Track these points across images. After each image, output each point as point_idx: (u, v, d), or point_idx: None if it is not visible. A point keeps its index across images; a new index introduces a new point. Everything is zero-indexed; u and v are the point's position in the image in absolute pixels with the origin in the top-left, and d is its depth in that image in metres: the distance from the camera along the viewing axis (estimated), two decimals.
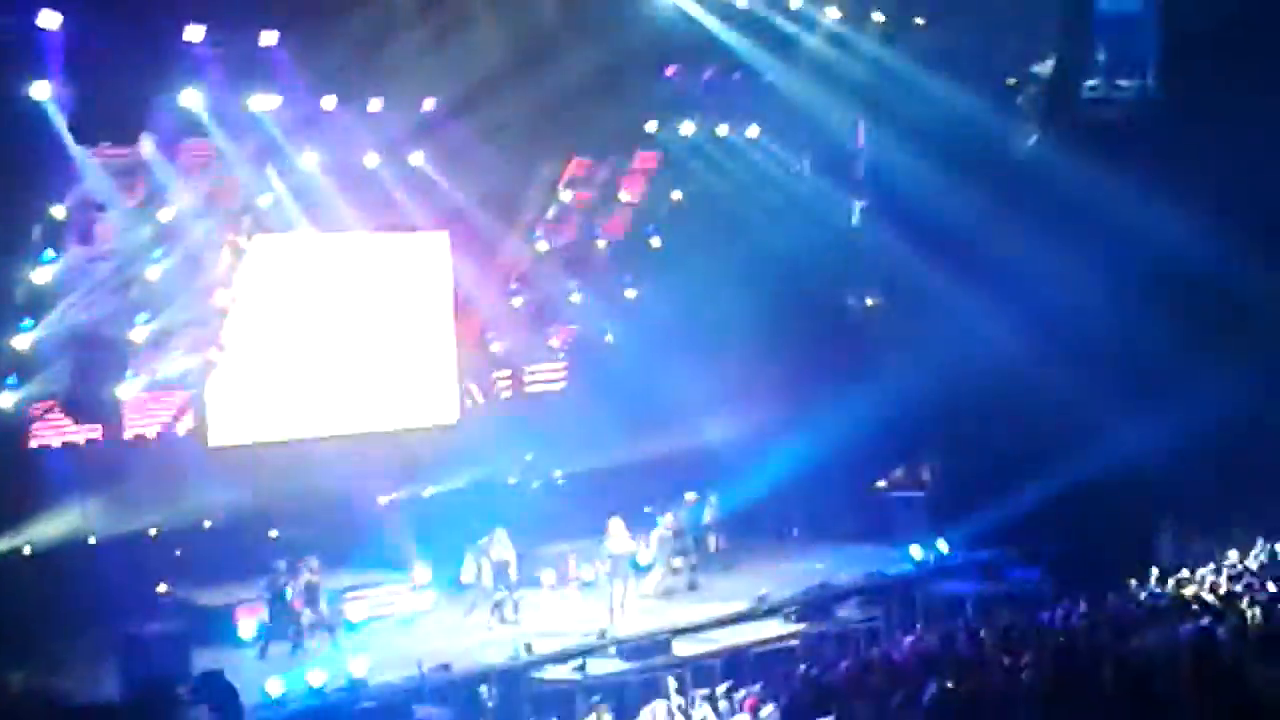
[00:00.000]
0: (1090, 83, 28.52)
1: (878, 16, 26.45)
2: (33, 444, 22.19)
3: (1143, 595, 22.01)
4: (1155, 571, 23.56)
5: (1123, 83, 28.57)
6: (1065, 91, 28.09)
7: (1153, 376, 26.21)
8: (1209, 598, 20.98)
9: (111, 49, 19.68)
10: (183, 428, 23.91)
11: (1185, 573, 23.10)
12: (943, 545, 25.75)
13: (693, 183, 28.27)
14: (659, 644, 21.15)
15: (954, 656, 18.56)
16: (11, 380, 21.56)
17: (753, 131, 28.11)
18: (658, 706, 18.04)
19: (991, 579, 25.01)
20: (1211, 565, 23.11)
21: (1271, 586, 21.63)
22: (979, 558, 25.65)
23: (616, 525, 23.41)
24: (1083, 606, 20.89)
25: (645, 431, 26.55)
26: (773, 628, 22.45)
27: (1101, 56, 28.67)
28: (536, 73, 23.40)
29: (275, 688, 18.54)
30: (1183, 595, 21.45)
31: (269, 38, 21.29)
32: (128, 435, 23.18)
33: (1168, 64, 28.17)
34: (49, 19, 19.21)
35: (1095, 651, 17.83)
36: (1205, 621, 18.76)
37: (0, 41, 19.35)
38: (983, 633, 19.70)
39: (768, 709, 16.76)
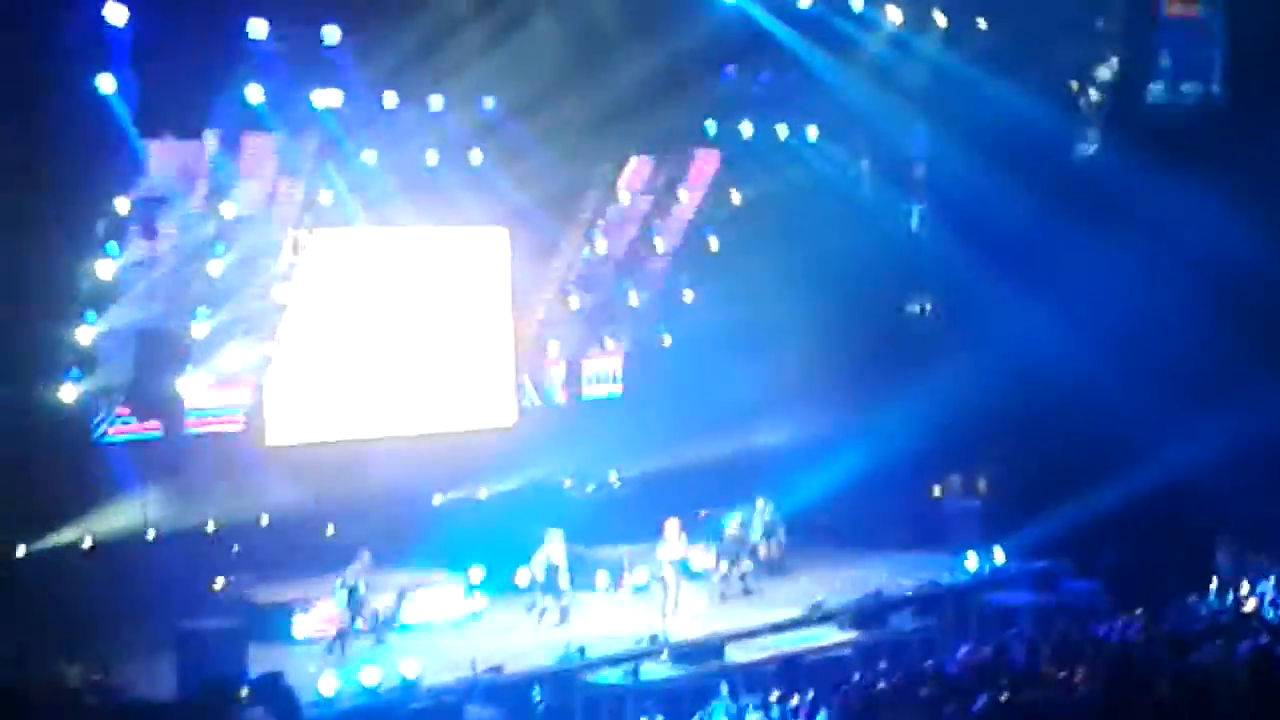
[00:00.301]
0: (1154, 87, 28.30)
1: (939, 18, 26.27)
2: (94, 437, 22.28)
3: (1201, 610, 21.82)
4: (1214, 585, 23.39)
5: (1187, 88, 28.34)
6: (1128, 96, 27.88)
7: (1213, 387, 25.97)
8: (1269, 613, 20.79)
9: (176, 43, 19.76)
10: (241, 424, 23.99)
11: (1245, 587, 22.91)
12: (998, 555, 25.58)
13: (751, 185, 28.16)
14: (712, 649, 21.12)
15: (1008, 668, 18.46)
16: (74, 373, 21.70)
17: (812, 133, 27.97)
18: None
19: (1047, 590, 24.82)
20: (1272, 580, 22.89)
21: None
22: (1034, 568, 25.45)
23: (672, 528, 23.40)
24: (1140, 620, 20.75)
25: (701, 435, 26.50)
26: (827, 635, 22.39)
27: (1166, 61, 28.45)
28: (595, 72, 23.38)
29: (328, 686, 18.60)
30: (1242, 611, 21.26)
31: (332, 34, 21.35)
32: (187, 430, 23.28)
33: (1233, 69, 27.92)
34: (115, 13, 19.33)
35: (1152, 666, 17.71)
36: (1265, 638, 18.61)
37: (67, 35, 19.45)
38: (1038, 644, 19.59)
39: (822, 717, 16.70)
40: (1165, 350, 25.94)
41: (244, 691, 12.81)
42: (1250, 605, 21.75)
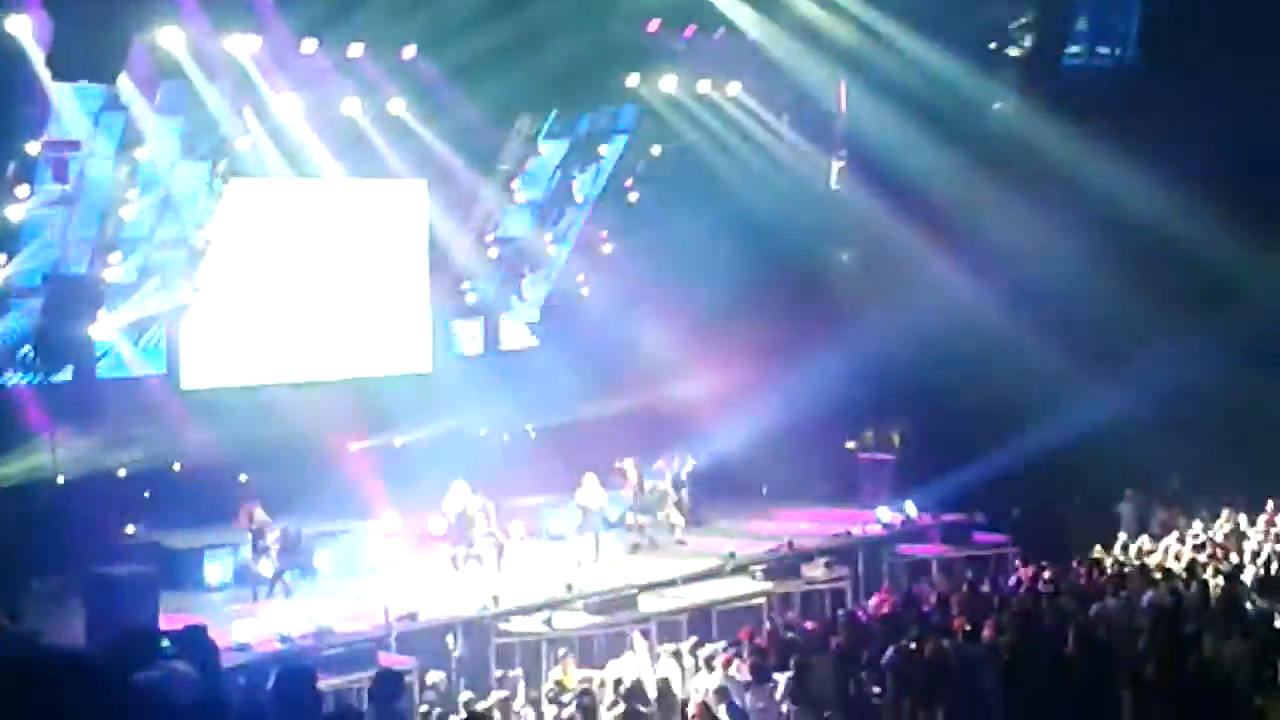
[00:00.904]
0: (1071, 50, 28.55)
1: None
2: (2, 381, 22.02)
3: (1107, 563, 22.23)
4: (1120, 539, 23.82)
5: (1103, 50, 28.62)
6: (1046, 58, 28.13)
7: (1123, 345, 26.43)
8: (1173, 566, 21.21)
9: None
10: (154, 369, 23.79)
11: (1149, 542, 23.35)
12: (910, 508, 25.88)
13: (672, 139, 28.15)
14: (626, 599, 21.24)
15: (918, 619, 18.73)
16: None
17: (734, 89, 27.98)
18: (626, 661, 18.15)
19: (958, 543, 25.19)
20: (1175, 535, 23.35)
21: (1234, 557, 21.90)
22: (945, 521, 25.80)
23: (590, 479, 23.51)
24: (1047, 572, 21.11)
25: (618, 387, 26.60)
26: (740, 586, 22.57)
27: (1083, 24, 28.71)
28: (518, 24, 23.19)
29: (241, 632, 18.55)
30: (1146, 564, 21.69)
31: None
32: (98, 375, 23.04)
33: (1148, 33, 28.22)
34: None
35: (1058, 617, 18.05)
36: (1168, 590, 19.02)
37: None
38: (947, 596, 19.89)
39: (735, 665, 16.87)
40: (1077, 308, 26.36)
41: (166, 643, 12.71)
42: (1154, 559, 22.19)
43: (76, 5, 19.31)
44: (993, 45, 28.10)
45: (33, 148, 21.03)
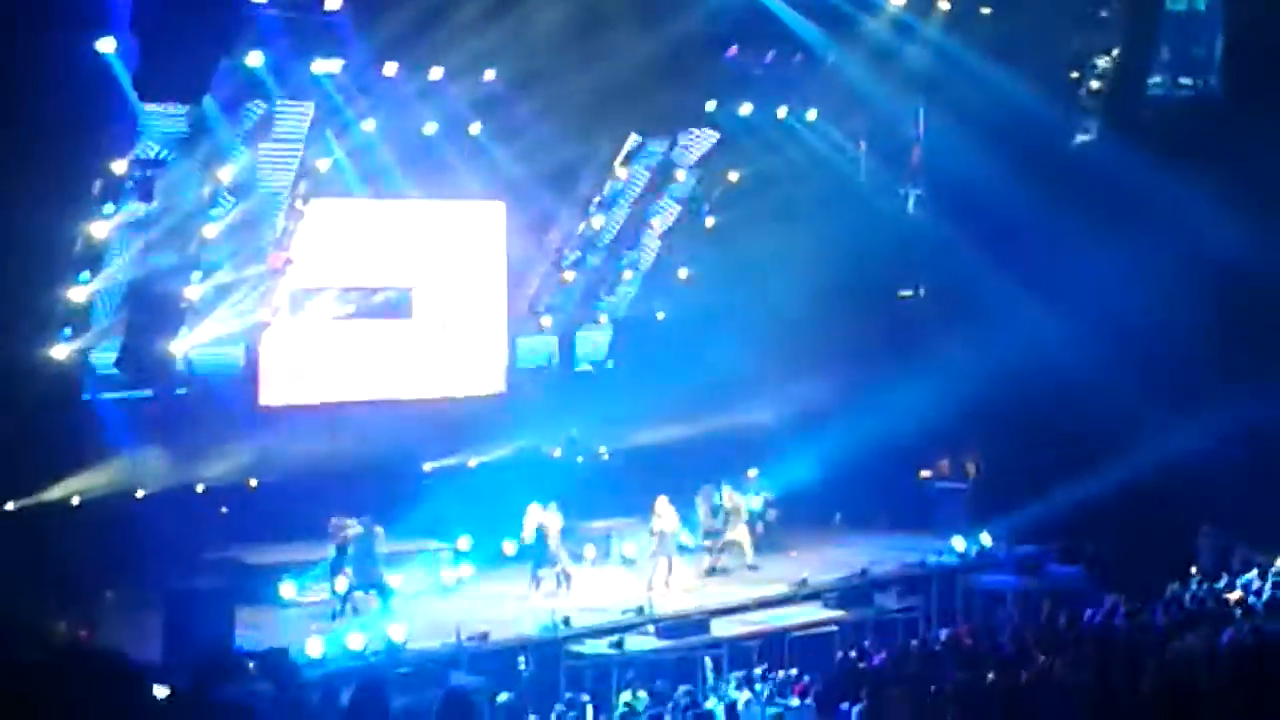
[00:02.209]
0: (1153, 79, 28.32)
1: (942, 3, 26.25)
2: (85, 396, 22.30)
3: (1185, 598, 21.92)
4: (1196, 575, 23.49)
5: (1185, 80, 28.37)
6: (1128, 87, 27.90)
7: (1202, 379, 26.08)
8: (1252, 603, 20.88)
9: (178, 7, 19.69)
10: (234, 385, 24.02)
11: (1227, 578, 23.02)
12: (985, 538, 25.69)
13: (749, 164, 28.15)
14: (697, 624, 21.22)
15: (992, 650, 18.55)
16: (66, 332, 21.72)
17: (811, 115, 27.98)
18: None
19: (1032, 575, 24.96)
20: (1255, 571, 22.99)
21: None
22: (1021, 553, 25.58)
23: (663, 503, 23.51)
24: (1124, 607, 20.84)
25: (692, 411, 26.58)
26: (812, 613, 22.48)
27: (1165, 53, 28.48)
28: (597, 49, 23.33)
29: (314, 648, 18.68)
30: (1225, 600, 21.36)
31: (333, 2, 21.28)
32: (179, 390, 23.29)
33: (1230, 63, 27.95)
34: None
35: (1135, 653, 17.80)
36: (1246, 627, 18.71)
37: None
38: (1022, 628, 19.69)
39: (807, 692, 16.80)
40: (1155, 340, 26.07)
41: (250, 664, 12.87)
42: (1234, 595, 21.85)
43: (164, 28, 19.61)
44: (1074, 75, 27.93)
45: (119, 166, 21.32)
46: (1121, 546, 25.37)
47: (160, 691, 11.77)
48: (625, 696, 18.43)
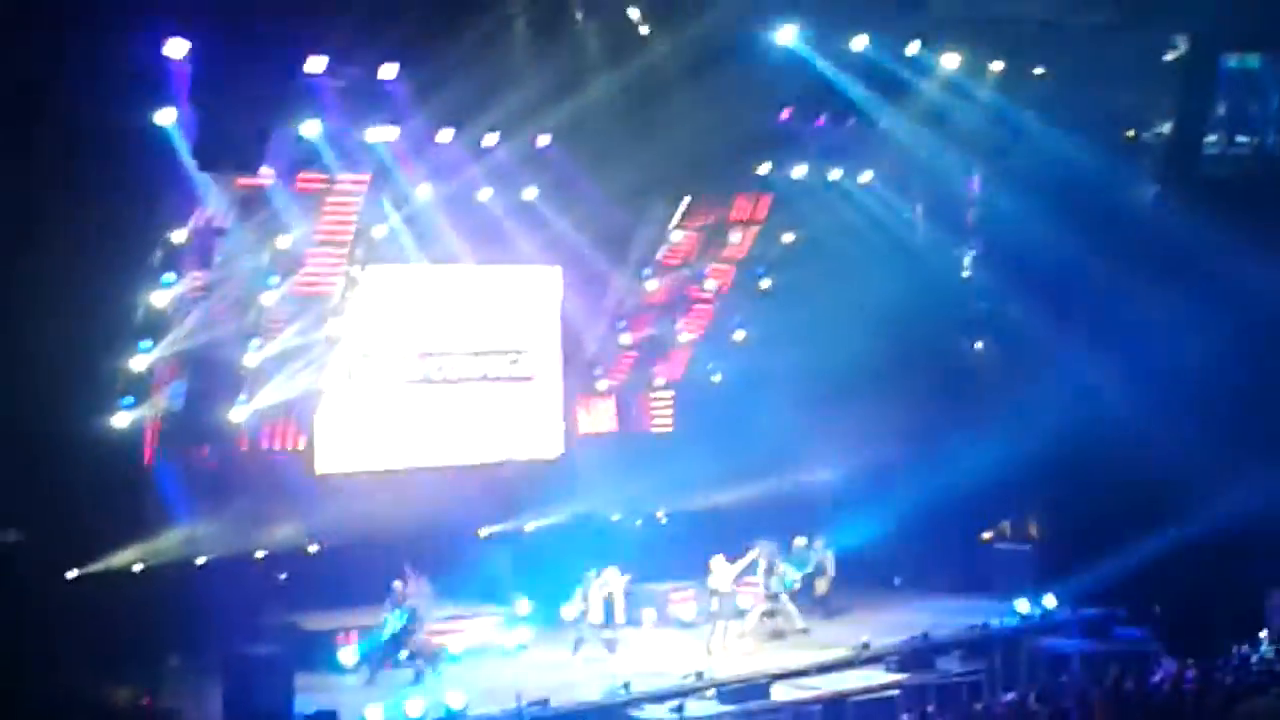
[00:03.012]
0: (1210, 139, 28.21)
1: (995, 65, 26.23)
2: (147, 463, 22.44)
3: (1254, 660, 21.60)
4: (1265, 636, 23.14)
5: (1241, 139, 28.25)
6: (1186, 147, 27.78)
7: (1266, 436, 25.80)
8: None
9: (235, 78, 19.88)
10: (291, 453, 24.13)
11: None
12: (1049, 600, 25.39)
13: (804, 226, 28.18)
14: (758, 688, 21.04)
15: (1058, 715, 18.30)
16: (128, 400, 21.87)
17: (865, 177, 27.99)
18: None
19: (1098, 637, 24.64)
20: None
21: None
22: (1086, 615, 25.28)
23: (719, 563, 23.41)
24: (1192, 669, 20.53)
25: (749, 473, 26.49)
26: (874, 677, 22.25)
27: (1221, 111, 28.38)
28: (651, 112, 23.44)
29: (374, 715, 18.62)
30: None
31: (389, 71, 21.48)
32: (238, 458, 23.41)
33: None
34: (176, 47, 19.47)
35: (1203, 716, 17.52)
36: None
37: (130, 68, 19.65)
38: (1089, 692, 19.42)
39: None
40: (1219, 399, 25.81)
41: None
42: None
43: (221, 98, 19.83)
44: (1129, 134, 27.83)
45: (179, 235, 21.55)
46: (1189, 607, 25.04)
47: None
48: None
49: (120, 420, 21.80)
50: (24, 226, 19.40)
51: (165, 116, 20.16)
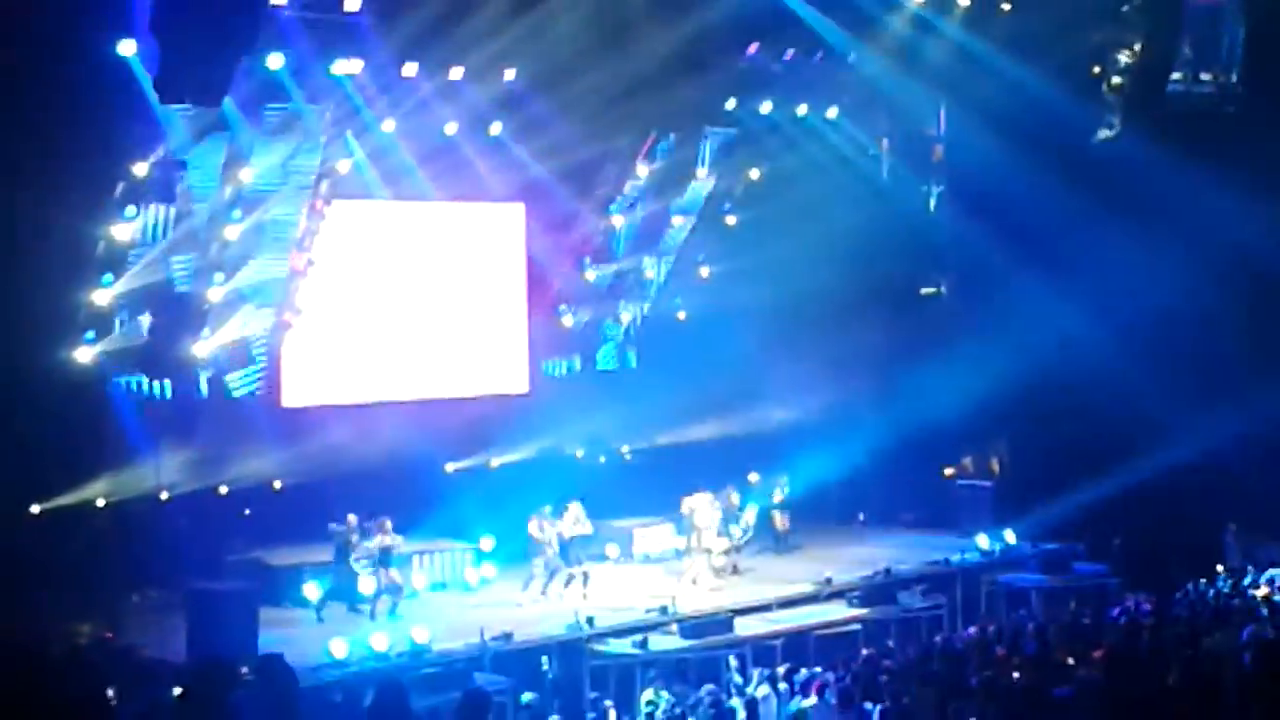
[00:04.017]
0: (1175, 75, 28.22)
1: (963, 0, 26.19)
2: (109, 399, 22.36)
3: (1210, 595, 21.85)
4: (1223, 571, 23.41)
5: (1205, 76, 28.26)
6: (1151, 83, 27.79)
7: (1225, 375, 26.01)
8: (1277, 600, 20.79)
9: (197, 9, 19.66)
10: (257, 387, 24.08)
11: (1253, 574, 22.93)
12: (1010, 536, 25.61)
13: (770, 162, 28.13)
14: (720, 623, 21.19)
15: (1016, 649, 18.49)
16: (90, 335, 21.79)
17: (832, 112, 27.95)
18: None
19: (1058, 572, 24.87)
20: None
21: None
22: (1046, 550, 25.51)
23: (700, 500, 23.50)
24: (1150, 604, 20.78)
25: (715, 410, 26.57)
26: (836, 611, 22.44)
27: (1187, 49, 28.37)
28: (616, 47, 23.34)
29: (339, 649, 18.70)
30: (1251, 596, 21.28)
31: (353, 3, 21.28)
32: (201, 393, 23.35)
33: (1252, 58, 27.82)
34: None
35: (1161, 651, 17.72)
36: (1271, 623, 18.61)
37: None
38: (1046, 626, 19.63)
39: (830, 692, 16.75)
40: (1179, 337, 25.97)
41: (247, 670, 12.89)
42: (1261, 591, 21.76)
43: (183, 30, 19.58)
44: (1096, 70, 27.82)
45: (140, 169, 21.37)
46: (1148, 543, 25.29)
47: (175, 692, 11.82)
48: (648, 695, 18.42)
49: (82, 354, 21.71)
50: None
51: (126, 48, 19.95)
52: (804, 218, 27.83)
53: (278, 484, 23.80)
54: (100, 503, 21.62)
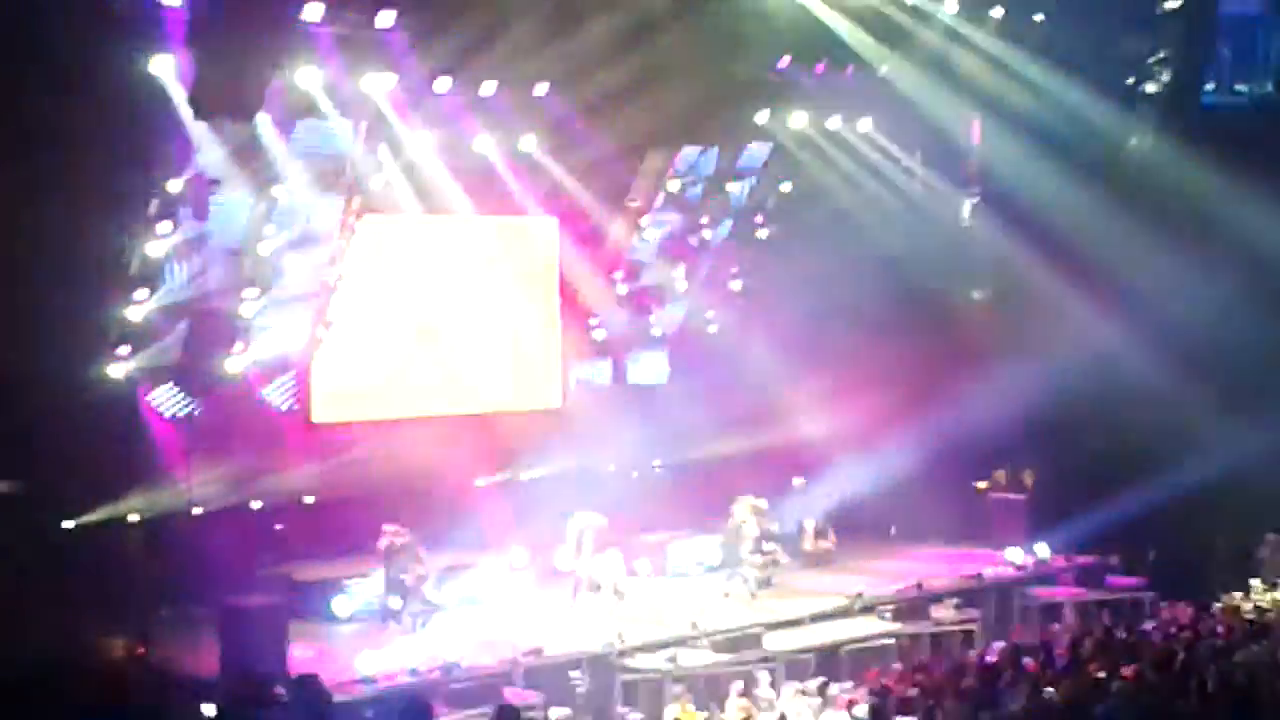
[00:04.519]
0: (1209, 85, 28.10)
1: (995, 11, 26.10)
2: (142, 414, 22.46)
3: (1247, 608, 21.72)
4: (1257, 584, 23.25)
5: (1241, 86, 28.14)
6: (1185, 93, 27.67)
7: (1261, 385, 25.82)
8: None
9: (230, 25, 19.77)
10: (288, 403, 24.16)
11: None
12: (1043, 550, 25.48)
13: (803, 175, 28.10)
14: (751, 638, 21.12)
15: (1050, 663, 18.39)
16: (123, 350, 21.89)
17: (865, 125, 27.89)
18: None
19: (1091, 586, 24.75)
20: None
21: None
22: (1080, 564, 25.37)
23: (741, 508, 23.43)
24: (1185, 618, 20.64)
25: (747, 424, 26.52)
26: (867, 626, 22.35)
27: (1221, 58, 28.26)
28: (649, 60, 23.33)
29: (368, 665, 18.71)
30: None
31: (385, 19, 21.34)
32: (235, 408, 23.42)
33: None
34: None
35: (1196, 663, 17.60)
36: None
37: (123, 15, 19.55)
38: (1081, 640, 19.51)
39: (861, 707, 16.69)
40: (1214, 348, 25.78)
41: (280, 690, 12.94)
42: None
43: (217, 46, 19.71)
44: (1130, 80, 27.71)
45: (174, 185, 21.48)
46: (1183, 556, 25.14)
47: (209, 710, 11.86)
48: (675, 711, 18.36)
49: (117, 370, 21.82)
50: (19, 176, 19.28)
51: (160, 64, 20.04)
52: (836, 231, 27.80)
53: (309, 499, 23.86)
54: (133, 518, 21.72)
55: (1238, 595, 22.57)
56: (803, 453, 27.22)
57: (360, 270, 24.31)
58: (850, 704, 16.74)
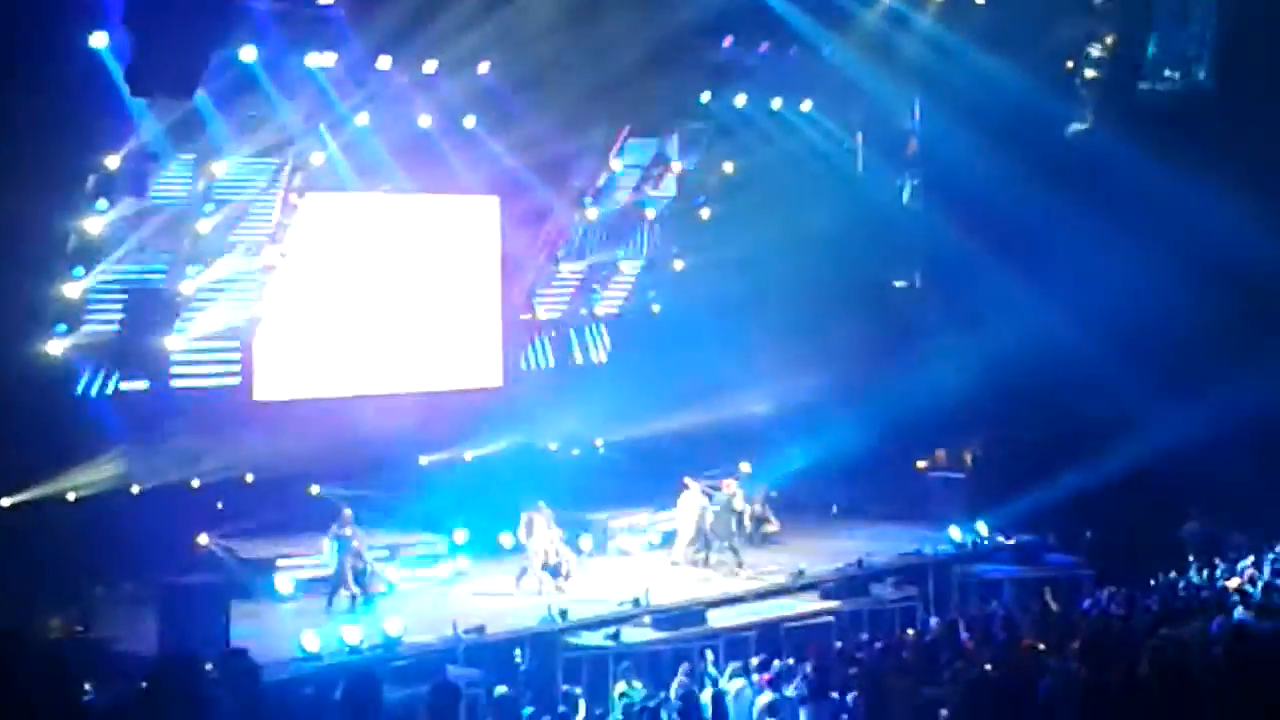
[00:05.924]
0: (1145, 69, 28.34)
1: None
2: (80, 392, 22.30)
3: (1181, 585, 21.95)
4: (1194, 562, 23.51)
5: (1176, 71, 28.39)
6: (1122, 76, 27.91)
7: (1197, 366, 26.13)
8: (1250, 590, 20.88)
9: (170, 2, 19.64)
10: (228, 381, 24.03)
11: (1224, 565, 23.03)
12: (982, 528, 25.70)
13: (744, 155, 28.16)
14: (693, 615, 21.21)
15: (988, 640, 18.56)
16: (61, 328, 21.73)
17: (806, 106, 27.98)
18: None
19: (1030, 564, 24.99)
20: (1252, 558, 23.01)
21: None
22: (1018, 542, 25.60)
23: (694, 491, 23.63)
24: (1121, 595, 20.85)
25: (689, 403, 26.59)
26: (809, 603, 22.48)
27: (1156, 44, 28.49)
28: (592, 40, 23.32)
29: (310, 643, 18.68)
30: (1223, 587, 21.37)
31: None
32: (174, 386, 23.29)
33: (1221, 53, 27.96)
34: None
35: (1131, 641, 17.80)
36: (1243, 614, 18.70)
37: None
38: (1018, 617, 19.70)
39: (793, 684, 16.79)
40: (1151, 329, 26.08)
41: (211, 667, 12.92)
42: (1233, 583, 21.85)
43: (156, 22, 19.54)
44: (1068, 65, 27.91)
45: (112, 162, 21.30)
46: (1119, 535, 25.40)
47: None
48: (620, 688, 18.41)
49: (54, 348, 21.65)
50: None
51: (99, 40, 19.88)
52: (778, 211, 27.92)
53: (250, 477, 23.76)
54: (71, 496, 21.56)
55: (1171, 574, 22.79)
56: (744, 431, 27.29)
57: (301, 248, 24.17)
58: (791, 680, 16.82)
